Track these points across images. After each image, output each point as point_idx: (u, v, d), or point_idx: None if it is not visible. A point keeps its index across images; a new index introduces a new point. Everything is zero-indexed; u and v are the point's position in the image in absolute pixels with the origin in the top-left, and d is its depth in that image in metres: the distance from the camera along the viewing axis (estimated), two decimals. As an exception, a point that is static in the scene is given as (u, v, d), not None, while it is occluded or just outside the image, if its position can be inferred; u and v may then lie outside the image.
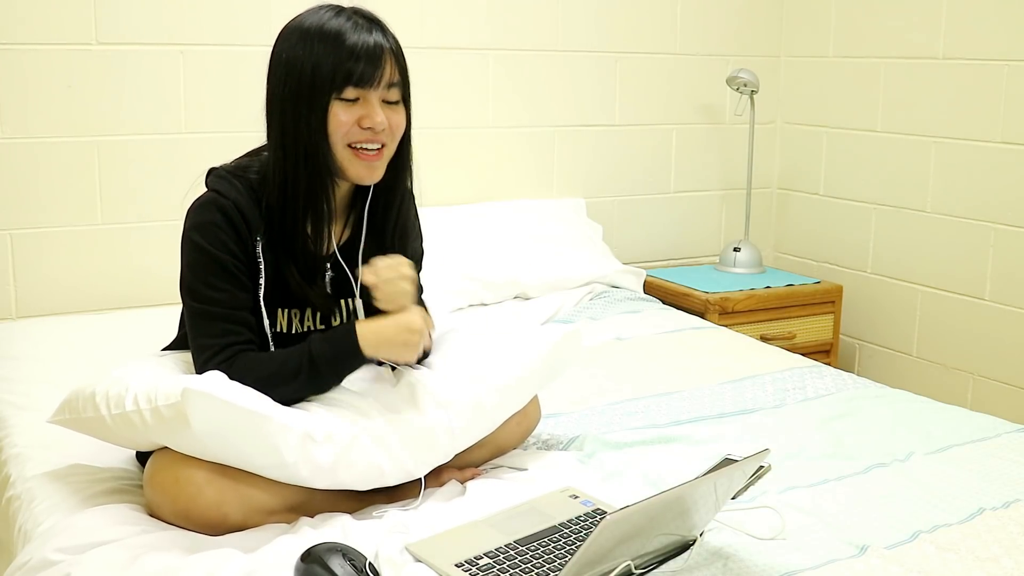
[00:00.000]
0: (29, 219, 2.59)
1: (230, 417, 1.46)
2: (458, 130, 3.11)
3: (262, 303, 1.64)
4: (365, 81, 1.58)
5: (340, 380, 1.63)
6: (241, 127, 2.75)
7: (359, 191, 1.73)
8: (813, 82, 3.57)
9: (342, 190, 1.70)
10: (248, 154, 1.73)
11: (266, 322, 1.65)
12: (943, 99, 3.13)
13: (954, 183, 3.13)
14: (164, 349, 1.80)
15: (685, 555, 1.46)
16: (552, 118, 3.26)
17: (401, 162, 1.71)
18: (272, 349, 1.65)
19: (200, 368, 1.59)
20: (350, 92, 1.58)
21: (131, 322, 2.52)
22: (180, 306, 1.71)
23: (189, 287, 1.62)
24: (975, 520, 1.61)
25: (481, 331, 1.86)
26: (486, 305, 2.82)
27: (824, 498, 1.68)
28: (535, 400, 1.85)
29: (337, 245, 1.72)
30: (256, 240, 1.62)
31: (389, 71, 1.61)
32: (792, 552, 1.49)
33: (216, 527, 1.49)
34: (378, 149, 1.63)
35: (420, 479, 1.64)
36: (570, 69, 3.26)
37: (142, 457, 1.66)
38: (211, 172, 1.68)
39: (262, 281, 1.63)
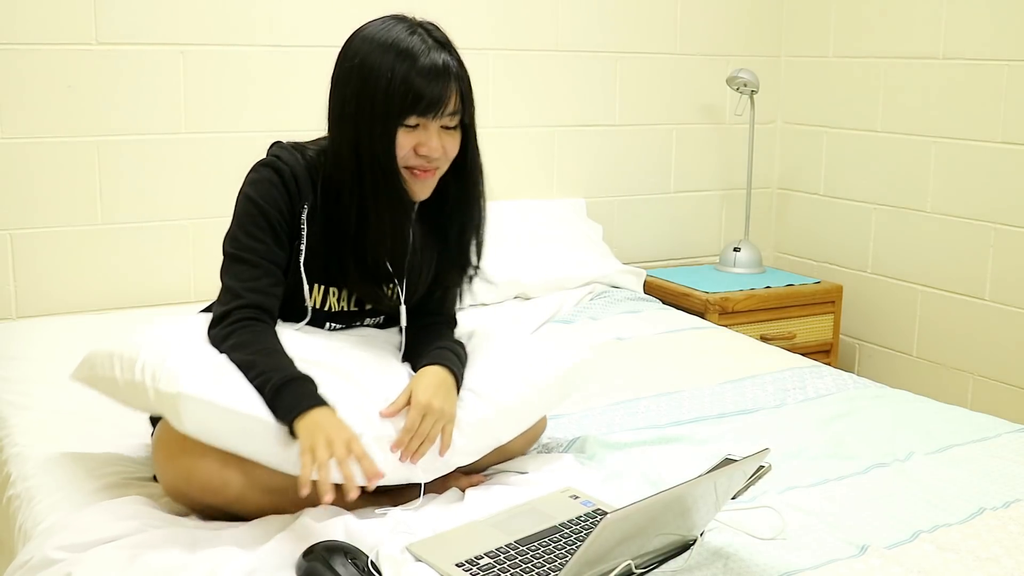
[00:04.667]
0: (29, 219, 2.59)
1: (225, 420, 1.47)
2: (458, 130, 3.10)
3: (302, 267, 1.68)
4: (427, 113, 1.62)
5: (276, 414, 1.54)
6: (241, 127, 2.75)
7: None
8: (813, 82, 3.57)
9: None
10: (307, 142, 1.77)
11: (306, 288, 1.69)
12: (943, 99, 3.13)
13: (954, 183, 3.13)
14: (202, 311, 1.81)
15: (685, 555, 1.46)
16: (552, 118, 3.26)
17: (459, 185, 1.76)
18: (307, 321, 1.72)
19: (217, 310, 1.63)
20: (412, 120, 1.62)
21: (131, 322, 2.50)
22: (180, 306, 1.71)
23: (231, 236, 1.68)
24: (975, 520, 1.61)
25: (494, 345, 1.84)
26: (486, 305, 2.82)
27: (824, 498, 1.68)
28: None
29: None
30: (304, 206, 1.67)
31: (452, 104, 1.63)
32: (792, 552, 1.49)
33: (216, 494, 1.50)
34: (431, 170, 1.68)
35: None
36: (570, 69, 3.26)
37: (155, 419, 1.69)
38: (276, 144, 1.75)
39: (303, 248, 1.68)
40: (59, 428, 1.85)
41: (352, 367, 1.66)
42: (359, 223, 1.67)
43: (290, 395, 1.51)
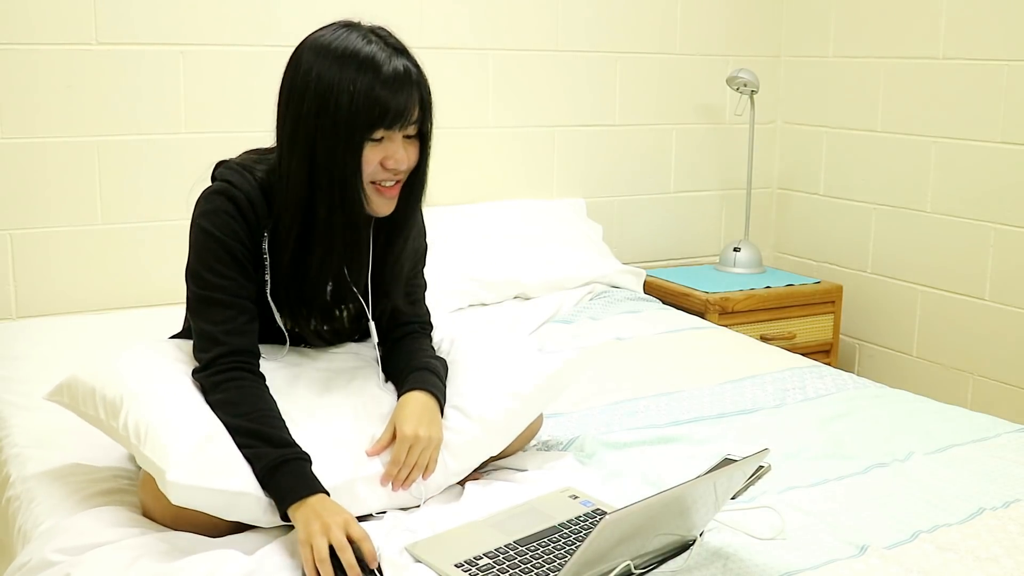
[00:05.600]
0: (29, 219, 2.59)
1: (213, 497, 1.44)
2: (458, 130, 3.10)
3: (269, 298, 1.64)
4: (393, 125, 1.56)
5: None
6: (241, 127, 2.75)
7: None
8: (813, 82, 3.57)
9: None
10: (249, 152, 1.72)
11: (277, 317, 1.66)
12: (943, 99, 3.13)
13: (954, 183, 3.13)
14: (172, 337, 1.79)
15: (685, 555, 1.46)
16: (552, 118, 3.26)
17: (415, 195, 1.68)
18: (287, 344, 1.69)
19: (199, 357, 1.59)
20: (378, 133, 1.56)
21: (131, 322, 2.52)
22: (180, 306, 1.70)
23: (194, 273, 1.60)
24: (975, 520, 1.61)
25: (475, 355, 1.82)
26: (486, 305, 2.82)
27: (824, 498, 1.68)
28: None
29: None
30: (264, 235, 1.61)
31: (415, 112, 1.58)
32: (792, 552, 1.49)
33: (209, 531, 1.49)
34: (396, 183, 1.62)
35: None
36: (569, 69, 3.26)
37: None
38: (220, 164, 1.68)
39: (268, 277, 1.63)
40: (59, 429, 1.84)
41: (337, 408, 1.64)
42: (302, 247, 1.60)
43: (284, 479, 1.46)
